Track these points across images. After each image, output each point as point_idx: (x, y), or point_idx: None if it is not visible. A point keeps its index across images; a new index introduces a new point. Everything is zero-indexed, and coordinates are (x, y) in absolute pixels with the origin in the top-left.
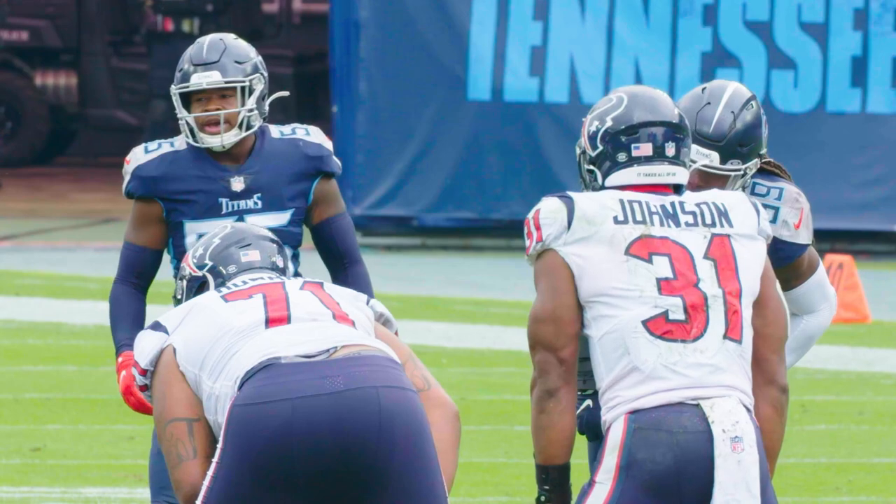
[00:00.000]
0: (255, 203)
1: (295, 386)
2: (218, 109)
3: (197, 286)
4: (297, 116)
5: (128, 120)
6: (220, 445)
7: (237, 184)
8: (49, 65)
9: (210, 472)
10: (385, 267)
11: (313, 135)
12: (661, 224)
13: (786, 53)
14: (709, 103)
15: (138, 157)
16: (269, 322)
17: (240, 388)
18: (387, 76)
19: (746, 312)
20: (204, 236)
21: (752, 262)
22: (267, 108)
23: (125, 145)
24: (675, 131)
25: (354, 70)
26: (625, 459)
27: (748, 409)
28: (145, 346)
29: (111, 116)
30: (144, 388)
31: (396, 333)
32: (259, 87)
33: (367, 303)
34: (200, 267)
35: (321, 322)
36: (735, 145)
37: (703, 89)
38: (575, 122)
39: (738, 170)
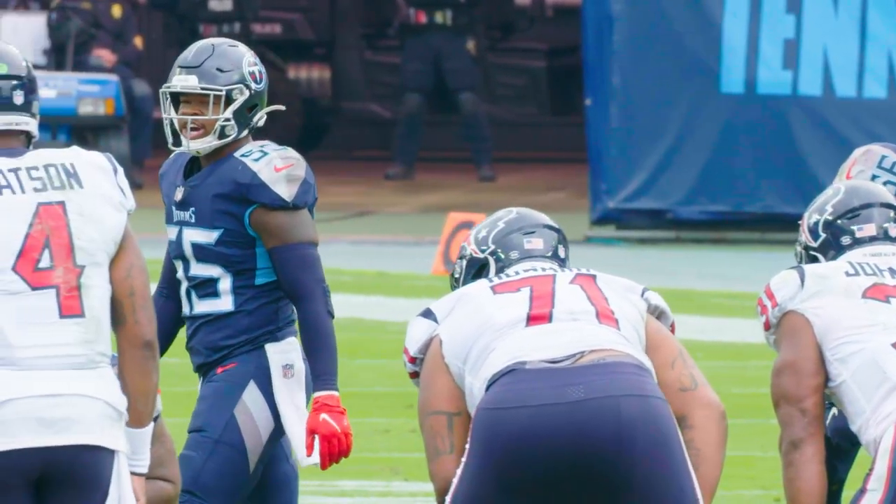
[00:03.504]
0: (190, 216)
1: (535, 393)
2: (195, 114)
3: (477, 268)
4: (551, 110)
5: (381, 113)
6: (467, 446)
7: (178, 194)
8: (302, 58)
9: (459, 471)
10: (639, 260)
11: (261, 161)
12: (893, 277)
13: None
14: None
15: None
16: (530, 319)
17: (487, 389)
18: (640, 69)
19: None
20: (488, 218)
21: None
22: (256, 120)
23: (378, 139)
24: None
25: (608, 63)
26: None
27: None
28: (415, 333)
29: (364, 110)
30: (414, 374)
31: (672, 326)
32: (240, 98)
33: (643, 294)
34: (482, 249)
35: (580, 322)
36: None
37: None
38: (828, 115)
39: None
